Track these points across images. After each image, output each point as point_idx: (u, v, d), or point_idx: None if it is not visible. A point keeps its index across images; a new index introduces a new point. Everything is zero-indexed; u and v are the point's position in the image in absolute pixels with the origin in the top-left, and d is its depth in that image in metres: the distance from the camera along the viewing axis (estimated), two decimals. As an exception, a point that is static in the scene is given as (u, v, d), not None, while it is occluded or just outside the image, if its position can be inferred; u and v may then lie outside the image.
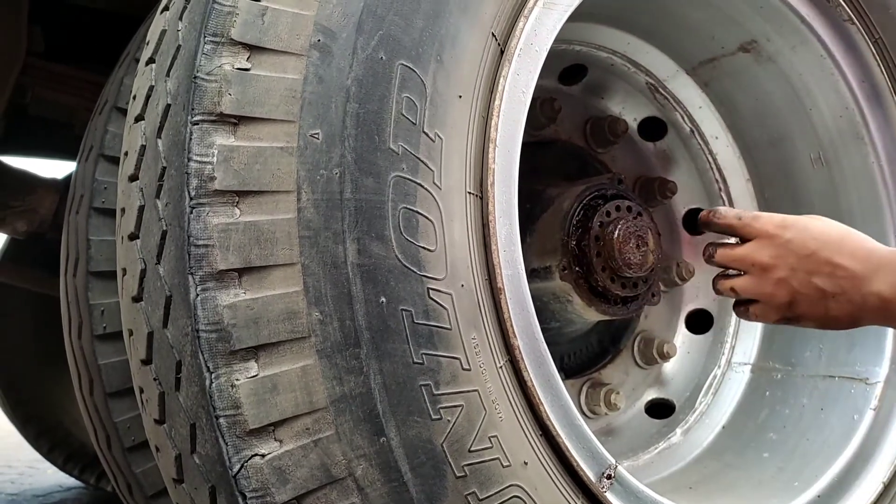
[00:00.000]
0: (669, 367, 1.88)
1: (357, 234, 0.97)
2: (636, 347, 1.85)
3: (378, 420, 0.96)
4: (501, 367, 1.08)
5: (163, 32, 1.09)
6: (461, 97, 1.10)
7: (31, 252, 3.04)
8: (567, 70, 1.78)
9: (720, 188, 1.90)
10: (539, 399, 1.11)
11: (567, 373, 1.75)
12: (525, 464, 1.08)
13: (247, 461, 0.91)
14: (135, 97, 1.12)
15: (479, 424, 1.04)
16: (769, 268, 1.14)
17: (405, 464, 0.97)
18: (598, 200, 1.55)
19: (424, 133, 1.04)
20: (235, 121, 0.94)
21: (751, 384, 1.80)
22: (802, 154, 1.76)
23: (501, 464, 1.05)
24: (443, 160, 1.06)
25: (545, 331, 1.19)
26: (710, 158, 1.89)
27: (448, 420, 1.01)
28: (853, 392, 1.62)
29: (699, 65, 1.78)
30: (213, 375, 0.91)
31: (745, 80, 1.75)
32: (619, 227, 1.50)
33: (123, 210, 1.09)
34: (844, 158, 1.70)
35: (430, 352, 1.00)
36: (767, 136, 1.80)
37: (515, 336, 1.09)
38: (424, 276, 1.01)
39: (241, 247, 0.92)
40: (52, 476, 3.70)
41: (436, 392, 1.00)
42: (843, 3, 1.60)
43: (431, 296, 1.02)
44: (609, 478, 1.17)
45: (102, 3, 2.28)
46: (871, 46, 1.63)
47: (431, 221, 1.03)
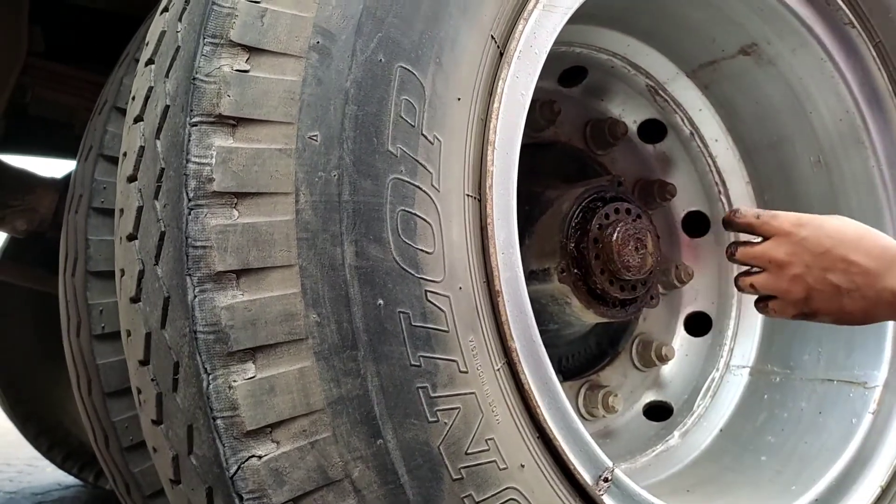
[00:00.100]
0: (668, 370, 1.88)
1: (355, 237, 0.97)
2: (634, 350, 1.85)
3: (375, 422, 0.96)
4: (499, 370, 1.08)
5: (162, 33, 1.09)
6: (460, 100, 1.10)
7: (31, 251, 3.04)
8: (567, 72, 1.78)
9: (720, 191, 1.90)
10: (536, 402, 1.11)
11: (565, 375, 1.75)
12: (522, 466, 1.08)
13: (244, 462, 0.91)
14: (134, 98, 1.12)
15: (476, 427, 1.04)
16: (785, 265, 1.17)
17: (402, 466, 0.97)
18: (598, 203, 1.55)
19: (423, 135, 1.04)
20: (234, 122, 0.94)
21: (749, 387, 1.80)
22: (802, 157, 1.76)
23: (498, 466, 1.05)
24: (441, 163, 1.06)
25: (543, 333, 1.19)
26: (710, 161, 1.89)
27: (445, 422, 1.01)
28: (852, 396, 1.62)
29: (699, 67, 1.78)
30: (211, 377, 0.91)
31: (746, 83, 1.75)
32: (618, 230, 1.50)
33: (122, 211, 1.09)
34: (844, 162, 1.70)
35: (428, 354, 1.00)
36: (767, 139, 1.80)
37: (513, 339, 1.10)
38: (422, 279, 1.01)
39: (240, 248, 0.92)
40: (51, 474, 3.71)
41: (433, 394, 1.00)
42: (844, 7, 1.60)
43: (429, 298, 1.01)
44: (606, 480, 1.17)
45: (102, 4, 2.29)
46: (872, 50, 1.63)
47: (429, 224, 1.03)
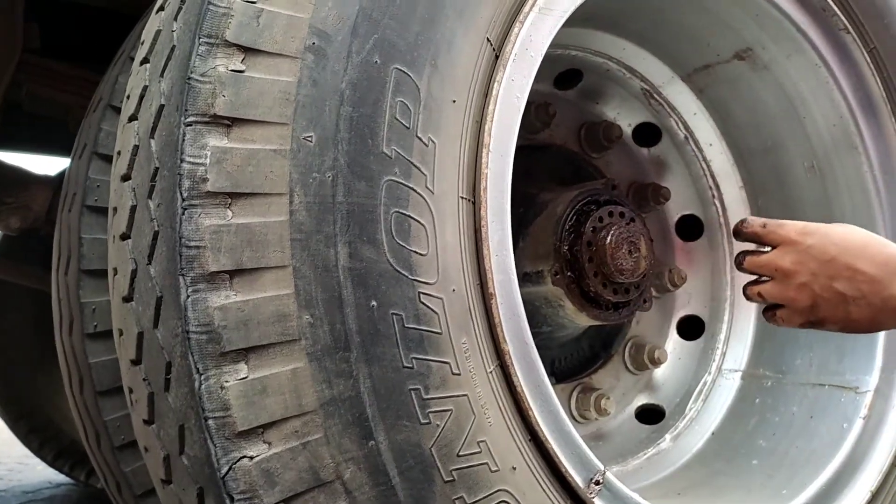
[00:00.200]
0: (660, 373, 1.89)
1: (349, 238, 0.97)
2: (627, 353, 1.85)
3: (367, 424, 0.96)
4: (491, 372, 1.08)
5: (158, 32, 1.09)
6: (455, 102, 1.10)
7: (25, 248, 3.03)
8: (562, 75, 1.78)
9: (714, 195, 1.91)
10: (528, 404, 1.11)
11: (558, 377, 1.76)
12: (513, 469, 1.08)
13: (235, 463, 0.91)
14: (128, 97, 1.12)
15: (468, 429, 1.04)
16: (791, 273, 1.18)
17: (393, 468, 0.97)
18: (592, 206, 1.55)
19: (418, 137, 1.04)
20: (229, 122, 0.94)
21: (741, 391, 1.80)
22: (796, 162, 1.76)
23: (490, 469, 1.05)
24: (436, 164, 1.06)
25: (536, 335, 1.19)
26: (704, 165, 1.90)
27: (437, 424, 1.01)
28: (843, 400, 1.63)
29: (694, 71, 1.79)
30: (203, 377, 0.91)
31: (740, 88, 1.76)
32: (612, 233, 1.51)
33: (115, 209, 1.09)
34: (838, 167, 1.71)
35: (420, 356, 1.00)
36: (761, 144, 1.81)
37: (506, 341, 1.10)
38: (416, 281, 1.01)
39: (233, 249, 0.92)
40: (42, 472, 3.69)
41: (425, 396, 1.00)
42: (839, 13, 1.61)
43: (422, 300, 1.02)
44: (597, 483, 1.17)
45: (99, 1, 2.28)
46: (866, 56, 1.64)
47: (423, 226, 1.03)
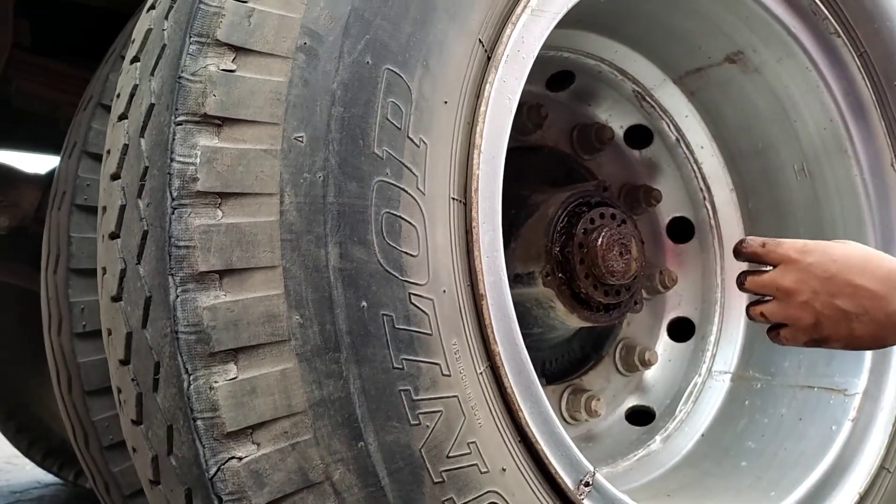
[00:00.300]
0: (650, 375, 1.89)
1: (339, 238, 0.97)
2: (618, 354, 1.86)
3: (356, 425, 0.96)
4: (482, 374, 1.08)
5: (148, 31, 1.08)
6: (447, 103, 1.10)
7: (14, 247, 3.01)
8: (555, 76, 1.79)
9: (705, 197, 1.91)
10: (518, 406, 1.11)
11: (548, 379, 1.76)
12: (503, 470, 1.08)
13: (223, 464, 0.91)
14: (119, 95, 1.12)
15: (458, 430, 1.04)
16: (793, 292, 1.17)
17: (383, 469, 0.97)
18: (583, 207, 1.55)
19: (409, 138, 1.04)
20: (219, 122, 0.94)
21: (731, 393, 1.81)
22: (786, 165, 1.77)
23: (479, 470, 1.05)
24: (427, 165, 1.06)
25: (527, 336, 1.19)
26: (696, 167, 1.90)
27: (427, 425, 1.01)
28: (832, 403, 1.64)
29: (686, 74, 1.79)
30: (192, 377, 0.91)
31: (731, 91, 1.76)
32: (603, 235, 1.51)
33: (105, 209, 1.08)
34: (828, 170, 1.72)
35: (411, 357, 1.00)
36: (752, 147, 1.81)
37: (496, 342, 1.10)
38: (406, 282, 1.01)
39: (223, 249, 0.92)
40: (31, 472, 3.67)
41: (415, 397, 1.00)
42: (830, 17, 1.61)
43: (413, 301, 1.01)
44: (587, 485, 1.17)
45: (90, -1, 2.27)
46: (857, 60, 1.65)
47: (414, 226, 1.03)
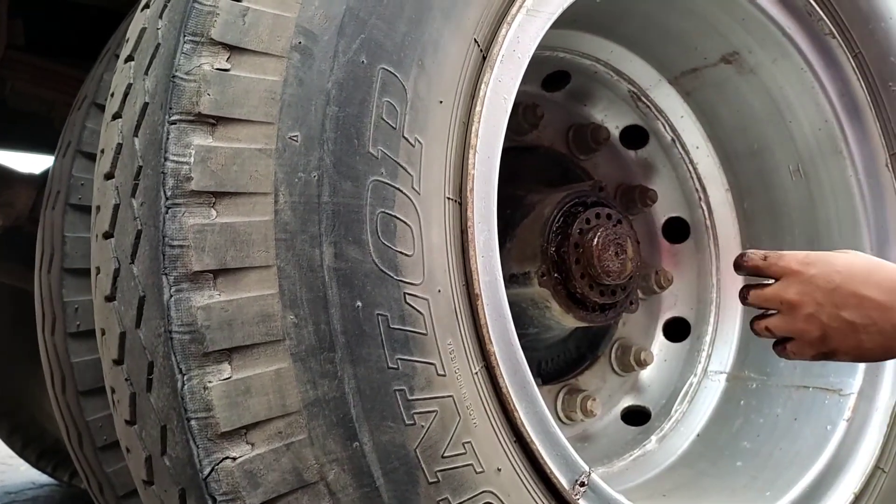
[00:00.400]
0: (646, 375, 1.89)
1: (334, 238, 0.96)
2: (613, 354, 1.86)
3: (351, 425, 0.96)
4: (477, 373, 1.08)
5: (142, 30, 1.08)
6: (442, 102, 1.10)
7: (8, 246, 3.00)
8: (550, 76, 1.79)
9: (700, 197, 1.91)
10: (514, 405, 1.11)
11: (544, 378, 1.76)
12: (498, 470, 1.08)
13: (217, 464, 0.91)
14: (113, 94, 1.11)
15: (454, 430, 1.03)
16: (797, 304, 1.14)
17: (378, 469, 0.97)
18: (579, 207, 1.55)
19: (404, 138, 1.04)
20: (214, 121, 0.93)
21: (726, 393, 1.81)
22: (782, 165, 1.77)
23: (475, 470, 1.05)
24: (422, 165, 1.06)
25: (523, 336, 1.19)
26: (691, 168, 1.91)
27: (422, 425, 1.00)
28: (827, 403, 1.64)
29: (681, 75, 1.80)
30: (186, 377, 0.90)
31: (727, 91, 1.77)
32: (599, 235, 1.51)
33: (98, 208, 1.08)
34: (823, 171, 1.72)
35: (406, 357, 1.00)
36: (747, 147, 1.82)
37: (491, 342, 1.10)
38: (401, 281, 1.01)
39: (217, 248, 0.92)
40: (25, 473, 3.66)
41: (410, 397, 1.00)
42: (825, 18, 1.62)
43: (408, 301, 1.01)
44: (582, 485, 1.17)
45: (85, -2, 2.26)
46: (852, 61, 1.65)
47: (409, 226, 1.03)
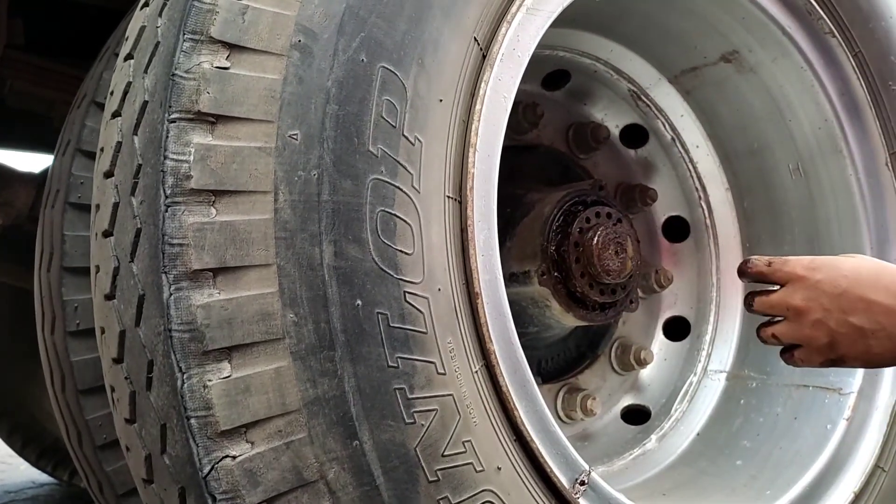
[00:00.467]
0: (646, 374, 1.89)
1: (334, 237, 0.96)
2: (613, 353, 1.85)
3: (351, 423, 0.96)
4: (477, 372, 1.08)
5: (142, 29, 1.08)
6: (442, 101, 1.09)
7: (7, 245, 3.00)
8: (550, 75, 1.79)
9: (700, 196, 1.91)
10: (514, 404, 1.11)
11: (544, 377, 1.76)
12: (498, 469, 1.08)
13: (217, 463, 0.90)
14: (112, 93, 1.11)
15: (453, 429, 1.03)
16: (804, 311, 1.12)
17: (378, 468, 0.97)
18: (579, 206, 1.55)
19: (404, 136, 1.04)
20: (213, 119, 0.93)
21: (726, 392, 1.81)
22: (781, 164, 1.77)
23: (475, 469, 1.05)
24: (422, 164, 1.06)
25: (523, 335, 1.19)
26: (691, 167, 1.90)
27: (422, 424, 1.00)
28: (827, 402, 1.64)
29: (681, 73, 1.79)
30: (185, 376, 0.90)
31: (727, 90, 1.76)
32: (599, 234, 1.51)
33: (98, 206, 1.08)
34: (823, 170, 1.72)
35: (406, 355, 1.00)
36: (747, 146, 1.81)
37: (491, 341, 1.09)
38: (401, 280, 1.01)
39: (217, 247, 0.92)
40: (25, 472, 3.66)
41: (410, 396, 1.00)
42: (825, 17, 1.62)
43: (408, 299, 1.01)
44: (582, 484, 1.17)
45: (84, -3, 2.26)
46: (851, 60, 1.65)
47: (409, 225, 1.03)
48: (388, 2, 1.05)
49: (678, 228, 1.95)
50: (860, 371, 1.63)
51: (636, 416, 1.85)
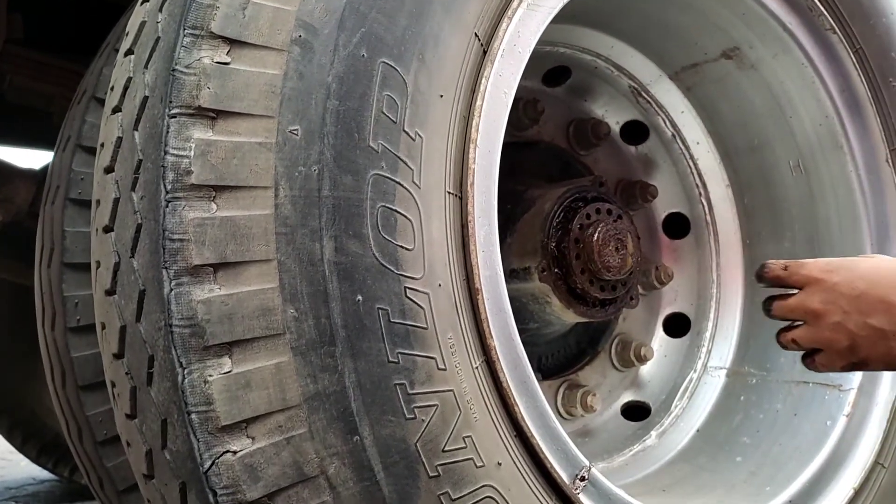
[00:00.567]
0: (646, 370, 1.89)
1: (334, 232, 0.96)
2: (614, 350, 1.86)
3: (352, 418, 0.96)
4: (477, 368, 1.08)
5: (142, 24, 1.08)
6: (443, 96, 1.09)
7: (8, 242, 3.00)
8: (551, 72, 1.78)
9: (700, 193, 1.91)
10: (514, 400, 1.11)
11: (544, 374, 1.76)
12: (499, 464, 1.08)
13: (218, 458, 0.91)
14: (112, 88, 1.11)
15: (454, 424, 1.03)
16: (822, 314, 1.10)
17: (378, 463, 0.97)
18: (579, 203, 1.55)
19: (405, 132, 1.04)
20: (214, 115, 0.93)
21: (726, 388, 1.81)
22: (782, 161, 1.77)
23: (475, 464, 1.05)
24: (423, 159, 1.06)
25: (523, 332, 1.19)
26: (691, 163, 1.90)
27: (422, 419, 1.00)
28: (827, 398, 1.64)
29: (682, 70, 1.79)
30: (186, 371, 0.90)
31: (727, 87, 1.76)
32: (599, 230, 1.51)
33: (98, 202, 1.08)
34: (823, 166, 1.72)
35: (406, 351, 1.00)
36: (748, 143, 1.81)
37: (492, 337, 1.09)
38: (402, 275, 1.01)
39: (217, 242, 0.92)
40: (26, 468, 3.66)
41: (410, 391, 1.00)
42: (826, 13, 1.61)
43: (408, 295, 1.01)
44: (582, 479, 1.17)
45: (84, -8, 2.26)
46: (852, 56, 1.65)
47: (410, 220, 1.03)
48: (389, -3, 1.05)
49: (678, 225, 1.95)
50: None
51: (636, 413, 1.86)
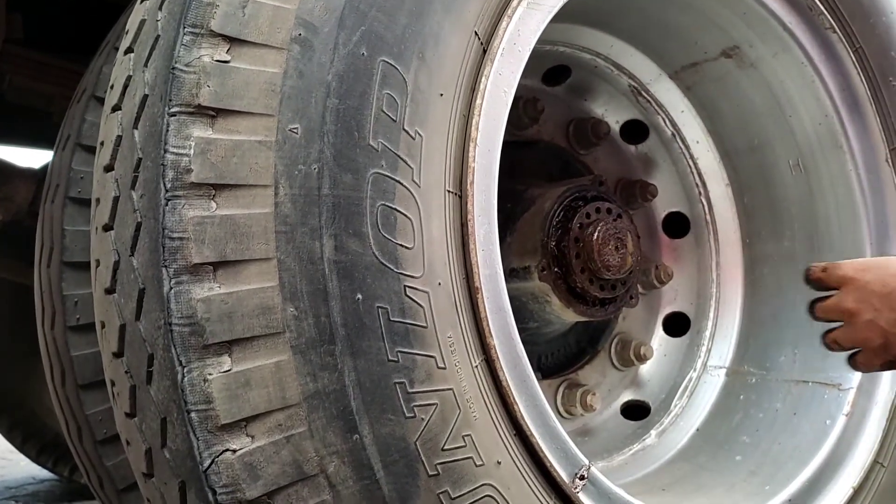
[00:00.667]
0: (646, 369, 1.89)
1: (334, 231, 0.96)
2: (613, 349, 1.86)
3: (351, 417, 0.96)
4: (477, 367, 1.08)
5: (142, 22, 1.08)
6: (442, 95, 1.09)
7: (7, 240, 3.00)
8: (551, 71, 1.78)
9: (700, 192, 1.91)
10: (514, 399, 1.11)
11: (544, 373, 1.76)
12: (498, 463, 1.08)
13: (217, 456, 0.91)
14: (112, 87, 1.11)
15: (453, 423, 1.03)
16: (856, 312, 1.12)
17: (378, 461, 0.97)
18: (579, 202, 1.55)
19: (405, 130, 1.04)
20: (213, 113, 0.93)
21: (725, 388, 1.81)
22: (782, 160, 1.77)
23: (475, 463, 1.05)
24: (422, 158, 1.06)
25: (523, 330, 1.19)
26: (691, 162, 1.90)
27: (422, 418, 1.00)
28: (826, 397, 1.64)
29: (682, 69, 1.79)
30: (186, 369, 0.90)
31: (727, 86, 1.76)
32: (599, 229, 1.51)
33: (98, 200, 1.08)
34: (823, 165, 1.72)
35: (406, 350, 1.00)
36: (747, 142, 1.81)
37: (492, 335, 1.09)
38: (401, 274, 1.01)
39: (217, 240, 0.92)
40: (26, 468, 3.66)
41: (410, 390, 1.00)
42: (826, 12, 1.62)
43: (408, 294, 1.01)
44: (582, 478, 1.17)
45: (83, -9, 2.26)
46: (852, 55, 1.65)
47: (410, 219, 1.03)
48: (389, -4, 1.05)
49: (678, 224, 1.95)
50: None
51: (636, 412, 1.86)
